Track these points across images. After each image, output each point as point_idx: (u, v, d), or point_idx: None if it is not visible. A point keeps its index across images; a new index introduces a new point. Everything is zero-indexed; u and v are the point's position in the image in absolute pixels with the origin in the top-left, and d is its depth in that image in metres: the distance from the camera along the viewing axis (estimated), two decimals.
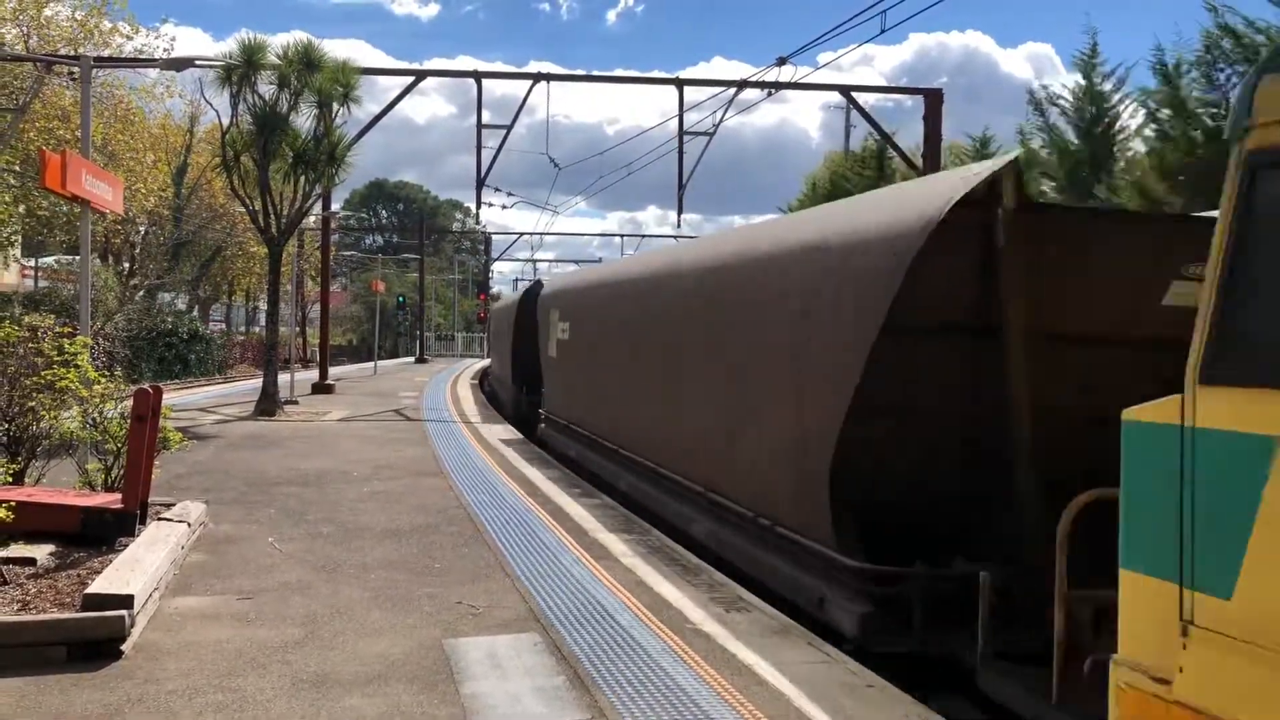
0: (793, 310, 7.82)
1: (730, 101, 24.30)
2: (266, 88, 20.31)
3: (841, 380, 6.67)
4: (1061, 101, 23.16)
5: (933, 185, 7.30)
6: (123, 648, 5.77)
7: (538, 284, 23.69)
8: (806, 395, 7.44)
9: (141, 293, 37.46)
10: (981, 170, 6.48)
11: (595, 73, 38.34)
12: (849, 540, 6.78)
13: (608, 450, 13.78)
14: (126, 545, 7.45)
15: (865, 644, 6.39)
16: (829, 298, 7.28)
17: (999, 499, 6.47)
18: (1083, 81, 22.80)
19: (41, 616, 5.89)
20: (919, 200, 6.68)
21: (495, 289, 78.97)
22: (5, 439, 8.95)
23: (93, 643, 5.71)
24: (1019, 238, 6.45)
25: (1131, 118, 22.30)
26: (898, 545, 6.62)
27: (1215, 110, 17.84)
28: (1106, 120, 22.40)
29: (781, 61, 19.24)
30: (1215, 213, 3.72)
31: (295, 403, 24.15)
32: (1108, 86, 22.60)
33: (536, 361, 19.99)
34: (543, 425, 18.94)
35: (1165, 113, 18.70)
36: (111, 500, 8.01)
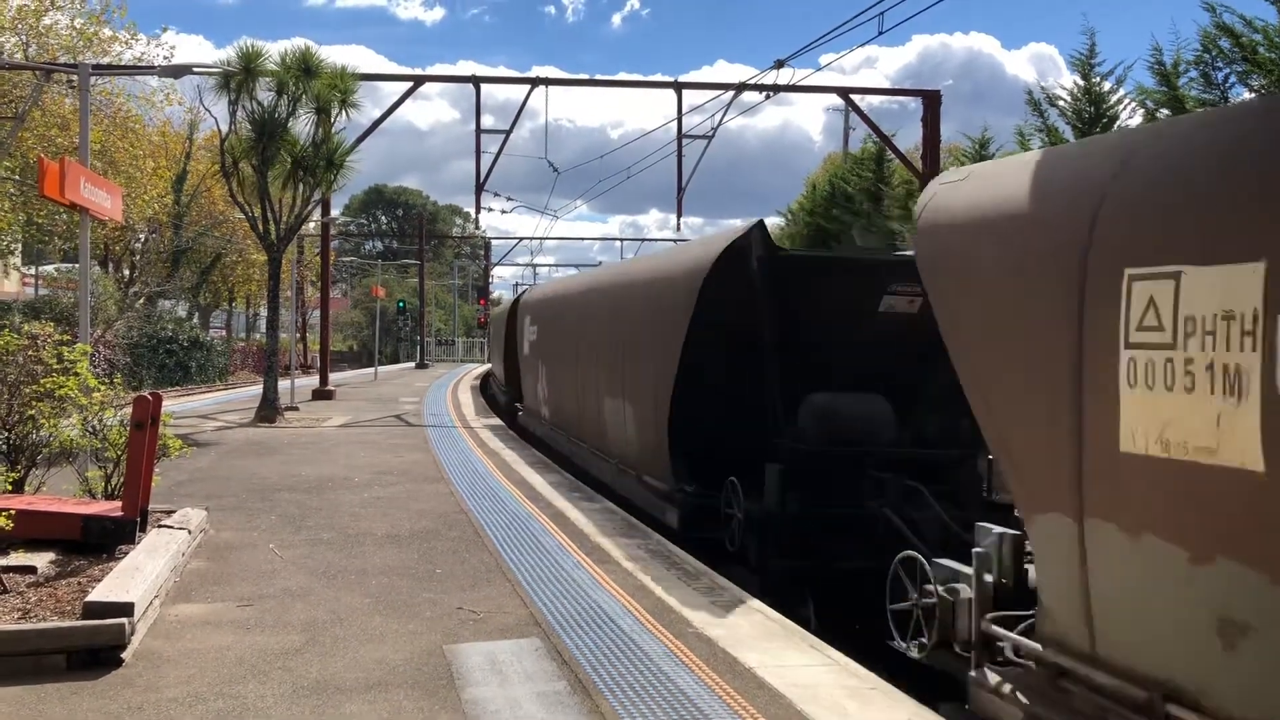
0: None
1: (729, 104, 24.32)
2: (265, 94, 20.34)
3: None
4: (1060, 102, 23.19)
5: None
6: (123, 655, 5.76)
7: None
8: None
9: (142, 300, 37.50)
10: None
11: (593, 76, 38.33)
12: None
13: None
14: (127, 553, 7.44)
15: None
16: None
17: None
18: (1081, 82, 22.83)
19: (42, 625, 5.88)
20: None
21: (495, 294, 79.01)
22: (5, 447, 8.95)
23: (93, 650, 5.70)
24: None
25: (1130, 117, 22.31)
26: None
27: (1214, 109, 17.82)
28: (1105, 120, 22.41)
29: (780, 64, 19.25)
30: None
31: (296, 409, 24.15)
32: (1106, 87, 22.63)
33: None
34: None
35: (1164, 112, 18.70)
36: (112, 508, 8.00)
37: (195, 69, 19.39)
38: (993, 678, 5.04)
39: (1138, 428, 4.05)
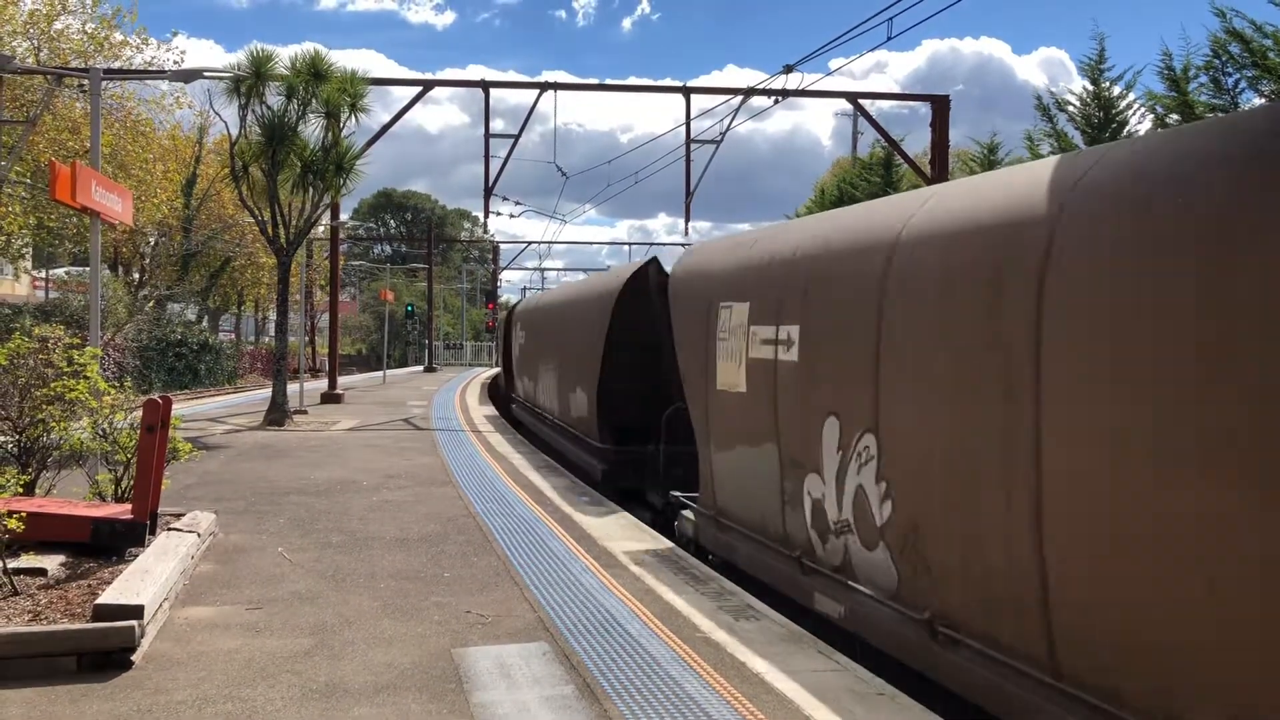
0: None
1: (737, 109, 24.33)
2: (275, 99, 20.40)
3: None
4: (1070, 107, 23.16)
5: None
6: (133, 658, 5.79)
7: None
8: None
9: (151, 303, 37.63)
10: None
11: (602, 81, 38.41)
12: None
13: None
14: (136, 555, 7.47)
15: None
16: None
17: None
18: (1090, 87, 22.80)
19: (52, 627, 5.90)
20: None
21: (504, 298, 79.06)
22: (16, 450, 8.99)
23: (103, 653, 5.73)
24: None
25: (1140, 123, 22.27)
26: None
27: (1223, 115, 17.78)
28: (1114, 125, 22.36)
29: (788, 69, 19.26)
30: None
31: (304, 412, 24.20)
32: (1116, 92, 22.58)
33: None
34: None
35: (1174, 118, 18.66)
36: (121, 511, 8.04)
37: (206, 73, 19.46)
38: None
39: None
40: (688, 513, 10.25)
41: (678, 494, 10.92)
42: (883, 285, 6.27)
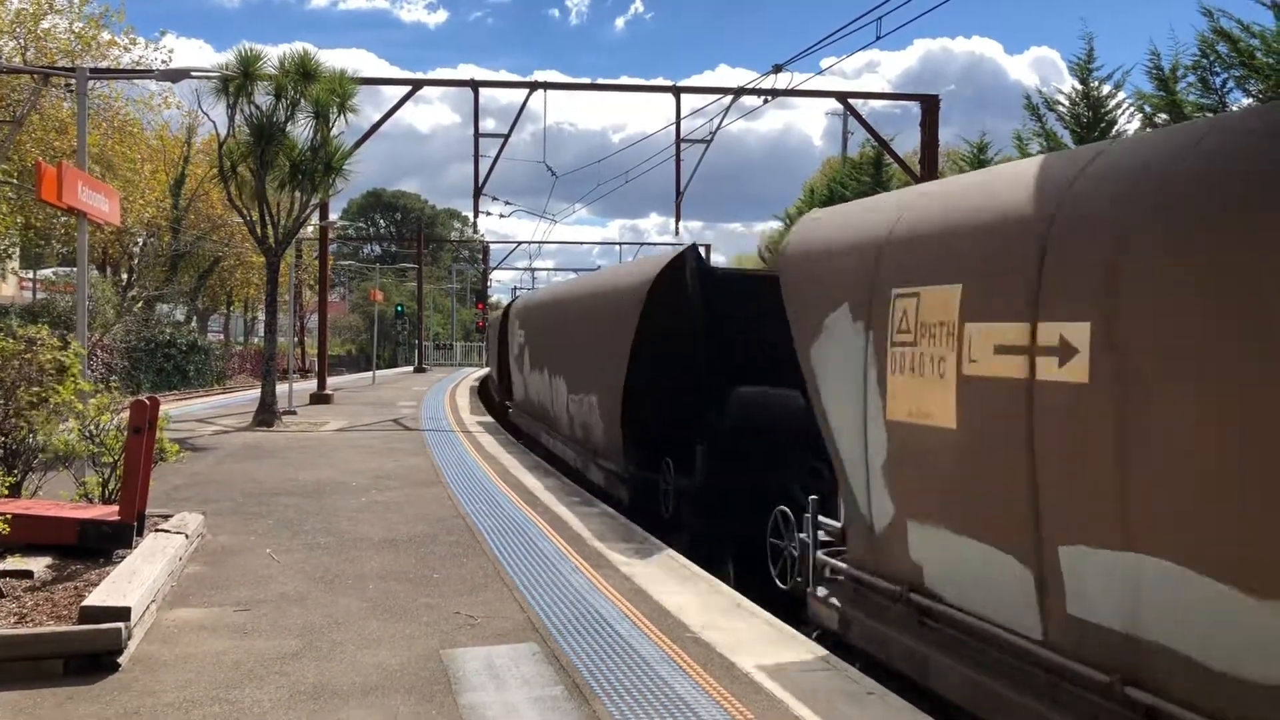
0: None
1: (727, 109, 24.34)
2: (264, 98, 20.34)
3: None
4: (1059, 107, 23.22)
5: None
6: (120, 660, 5.75)
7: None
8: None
9: (140, 304, 37.48)
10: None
11: (593, 81, 38.45)
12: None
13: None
14: (124, 557, 7.43)
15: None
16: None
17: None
18: (1079, 86, 22.87)
19: (38, 629, 5.87)
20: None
21: (494, 298, 79.02)
22: (1, 452, 8.93)
23: (90, 655, 5.69)
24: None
25: (1129, 122, 22.35)
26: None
27: (1211, 115, 17.85)
28: (1103, 125, 22.43)
29: (777, 69, 19.27)
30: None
31: (294, 413, 24.13)
32: (1105, 91, 22.65)
33: None
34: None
35: (1162, 118, 18.73)
36: (109, 512, 7.99)
37: (193, 73, 19.38)
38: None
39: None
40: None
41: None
42: None
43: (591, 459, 14.55)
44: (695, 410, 11.80)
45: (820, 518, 7.41)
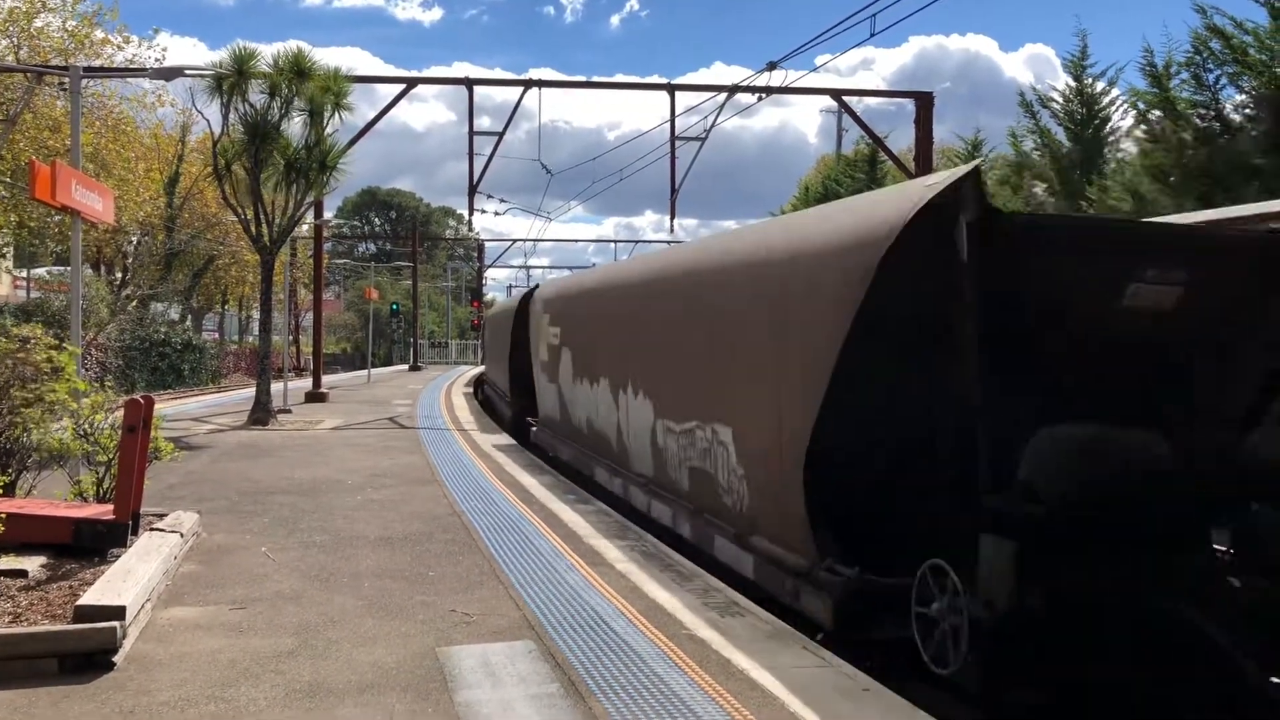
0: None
1: (722, 106, 24.34)
2: (258, 96, 20.30)
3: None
4: (1053, 104, 23.26)
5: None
6: (115, 659, 5.74)
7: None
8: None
9: (134, 303, 37.39)
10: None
11: (587, 79, 38.38)
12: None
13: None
14: (119, 556, 7.42)
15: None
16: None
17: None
18: (1073, 83, 22.90)
19: (33, 629, 5.86)
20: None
21: (489, 295, 78.95)
22: None
23: (84, 654, 5.68)
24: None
25: (1123, 119, 22.40)
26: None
27: (1204, 111, 17.89)
28: (1097, 121, 22.47)
29: (771, 66, 19.27)
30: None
31: (289, 411, 24.11)
32: (1099, 88, 22.70)
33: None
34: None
35: (1155, 114, 18.76)
36: (103, 511, 7.98)
37: (187, 71, 19.35)
38: None
39: None
40: None
41: None
42: None
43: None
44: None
45: None
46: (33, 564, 7.17)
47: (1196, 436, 5.54)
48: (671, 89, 26.08)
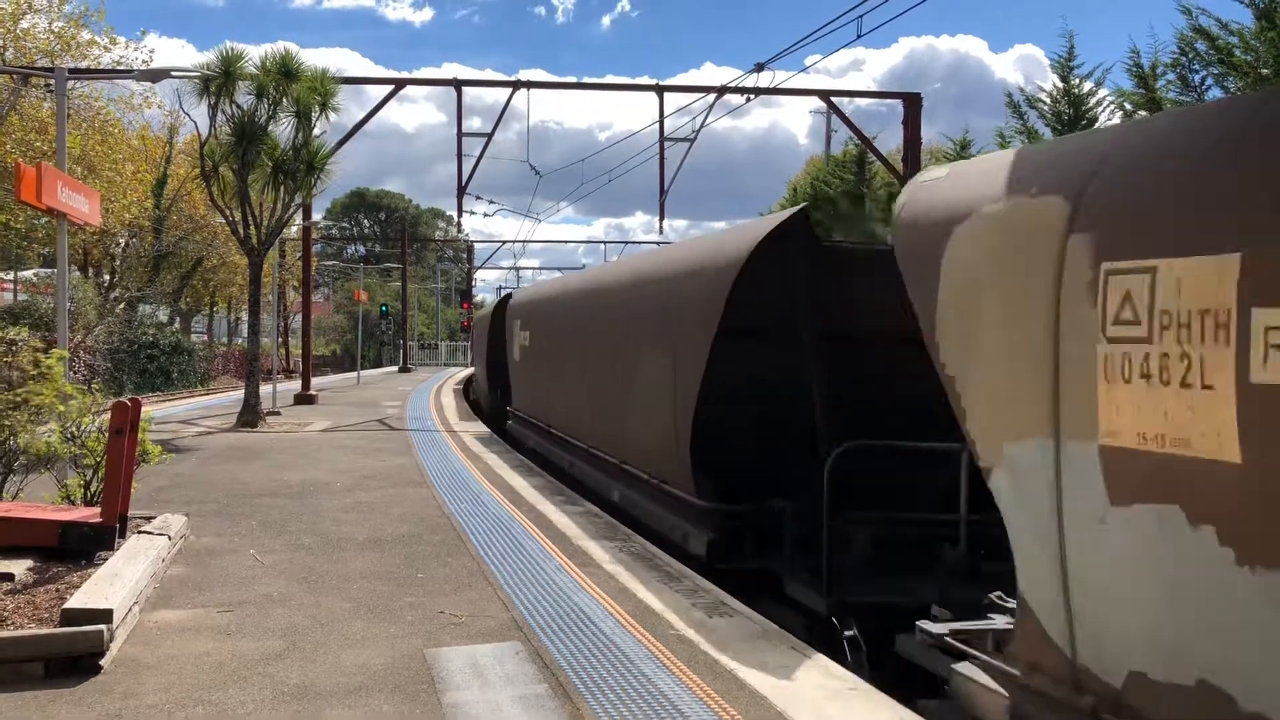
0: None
1: (711, 107, 24.37)
2: (245, 98, 20.26)
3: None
4: (1041, 104, 23.34)
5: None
6: (102, 662, 5.73)
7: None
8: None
9: (122, 305, 37.25)
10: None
11: (576, 80, 38.41)
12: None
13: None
14: (106, 559, 7.40)
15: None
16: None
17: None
18: (1060, 84, 22.99)
19: (19, 632, 5.84)
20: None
21: (479, 297, 78.92)
22: None
23: (71, 658, 5.67)
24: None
25: (1110, 119, 22.48)
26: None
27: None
28: (1084, 122, 22.56)
29: (760, 67, 19.30)
30: None
31: (278, 414, 24.05)
32: (1086, 88, 22.80)
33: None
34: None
35: (1141, 114, 18.85)
36: (90, 514, 7.95)
37: (174, 72, 19.29)
38: None
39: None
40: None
41: None
42: None
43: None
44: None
45: None
46: (19, 567, 7.14)
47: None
48: (660, 90, 26.12)
